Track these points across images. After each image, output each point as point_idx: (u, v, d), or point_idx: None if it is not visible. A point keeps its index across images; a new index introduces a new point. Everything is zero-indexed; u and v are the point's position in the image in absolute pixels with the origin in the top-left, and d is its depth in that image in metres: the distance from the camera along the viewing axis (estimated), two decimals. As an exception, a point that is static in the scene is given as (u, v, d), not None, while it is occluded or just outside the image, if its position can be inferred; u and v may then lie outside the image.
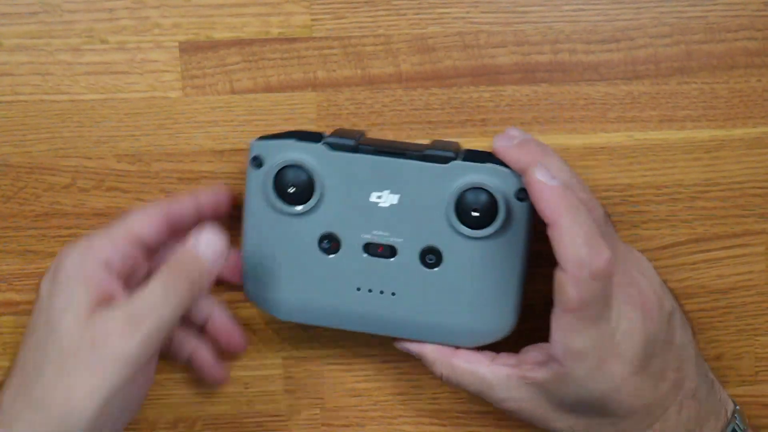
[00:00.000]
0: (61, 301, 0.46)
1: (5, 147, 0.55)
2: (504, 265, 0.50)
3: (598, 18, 0.54)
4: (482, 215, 0.49)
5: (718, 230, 0.56)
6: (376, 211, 0.50)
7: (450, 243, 0.50)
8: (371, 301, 0.51)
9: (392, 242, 0.50)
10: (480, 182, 0.48)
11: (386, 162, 0.49)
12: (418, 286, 0.50)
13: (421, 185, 0.49)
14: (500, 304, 0.50)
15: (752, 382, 0.57)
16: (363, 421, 0.58)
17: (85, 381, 0.44)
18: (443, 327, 0.51)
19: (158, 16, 0.54)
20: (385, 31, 0.54)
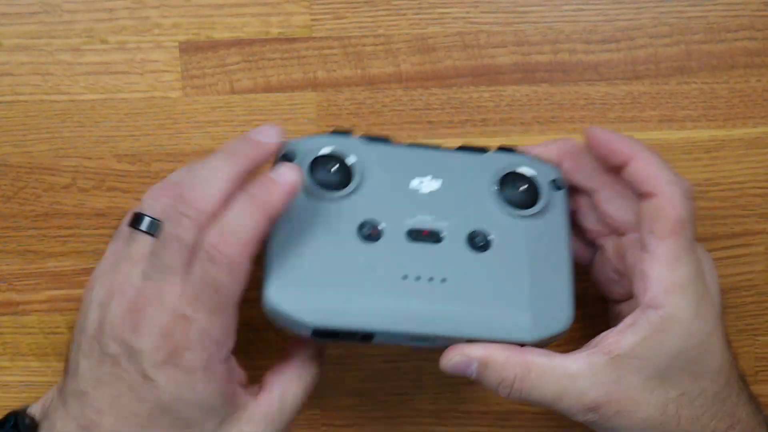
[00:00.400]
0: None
1: (5, 147, 0.55)
2: (553, 249, 0.48)
3: (598, 18, 0.54)
4: (525, 195, 0.48)
5: (718, 230, 0.56)
6: (418, 197, 0.47)
7: (497, 224, 0.47)
8: (419, 290, 0.45)
9: (437, 227, 0.47)
10: (519, 167, 0.49)
11: (424, 152, 0.48)
12: (470, 271, 0.46)
13: (461, 172, 0.48)
14: (556, 290, 0.47)
15: (752, 382, 0.57)
16: (363, 421, 0.58)
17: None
18: (500, 318, 0.46)
19: (158, 16, 0.54)
20: (385, 31, 0.54)
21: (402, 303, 0.45)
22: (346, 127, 0.53)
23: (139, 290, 0.44)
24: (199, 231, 0.43)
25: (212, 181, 0.43)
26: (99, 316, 0.45)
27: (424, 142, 0.50)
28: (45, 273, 0.56)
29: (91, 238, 0.56)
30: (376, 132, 0.52)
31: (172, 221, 0.43)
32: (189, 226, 0.43)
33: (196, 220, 0.43)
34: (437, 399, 0.57)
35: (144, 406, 0.43)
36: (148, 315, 0.43)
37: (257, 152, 0.45)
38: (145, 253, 0.44)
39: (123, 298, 0.44)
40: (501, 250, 0.47)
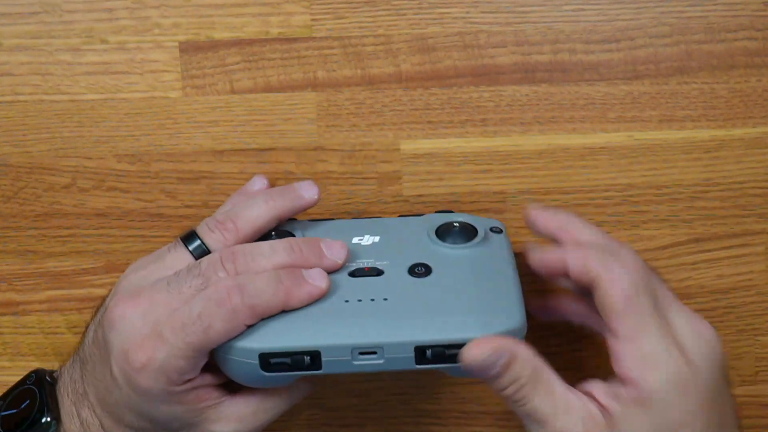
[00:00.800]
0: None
1: (5, 147, 0.55)
2: (496, 267, 0.48)
3: (598, 18, 0.54)
4: (462, 233, 0.50)
5: (718, 230, 0.56)
6: (359, 249, 0.49)
7: (437, 257, 0.48)
8: (362, 309, 0.45)
9: (378, 265, 0.48)
10: (453, 219, 0.50)
11: (365, 221, 0.52)
12: (412, 292, 0.46)
13: (399, 231, 0.50)
14: (503, 297, 0.46)
15: (752, 382, 0.57)
16: (363, 421, 0.58)
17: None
18: (446, 321, 0.44)
19: (158, 16, 0.54)
20: (385, 31, 0.54)
21: (346, 320, 0.45)
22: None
23: (143, 290, 0.45)
24: (225, 278, 0.44)
25: (266, 255, 0.46)
26: (109, 297, 0.47)
27: (365, 216, 0.53)
28: (45, 273, 0.56)
29: (91, 238, 0.56)
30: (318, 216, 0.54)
31: (213, 266, 0.45)
32: (222, 275, 0.45)
33: (231, 274, 0.45)
34: (437, 399, 0.57)
35: (112, 396, 0.46)
36: (133, 318, 0.44)
37: (301, 206, 0.50)
38: (174, 266, 0.46)
39: (126, 291, 0.46)
40: (442, 274, 0.47)
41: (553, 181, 0.55)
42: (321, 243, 0.47)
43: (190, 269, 0.45)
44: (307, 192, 0.50)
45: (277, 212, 0.49)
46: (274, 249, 0.46)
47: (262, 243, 0.47)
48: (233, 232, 0.48)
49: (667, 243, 0.56)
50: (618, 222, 0.55)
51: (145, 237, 0.56)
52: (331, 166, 0.55)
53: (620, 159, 0.55)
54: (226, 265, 0.45)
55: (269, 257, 0.46)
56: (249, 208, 0.48)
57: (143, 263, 0.48)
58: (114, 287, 0.48)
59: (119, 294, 0.46)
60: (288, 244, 0.46)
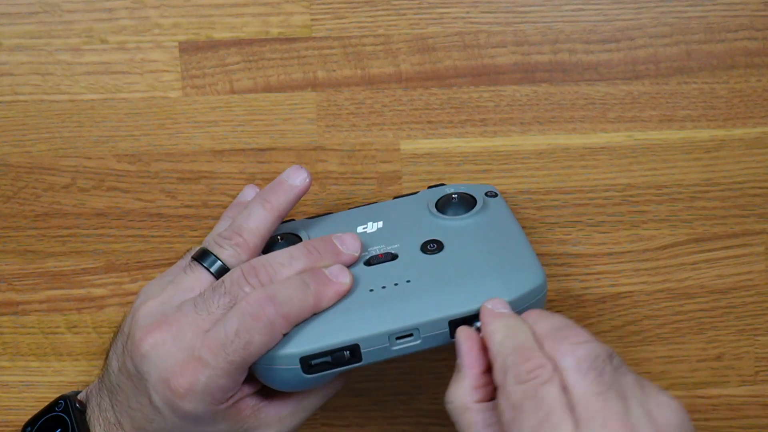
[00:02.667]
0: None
1: (5, 147, 0.55)
2: (504, 230, 0.49)
3: (598, 18, 0.54)
4: (462, 204, 0.50)
5: (718, 230, 0.56)
6: (366, 237, 0.50)
7: (445, 230, 0.49)
8: (389, 295, 0.46)
9: (390, 250, 0.49)
10: (450, 191, 0.51)
11: (362, 209, 0.51)
12: (431, 269, 0.47)
13: (400, 211, 0.51)
14: (519, 257, 0.47)
15: (752, 382, 0.57)
16: (363, 421, 0.58)
17: None
18: (473, 290, 0.45)
19: (158, 16, 0.54)
20: (385, 31, 0.54)
21: (376, 309, 0.45)
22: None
23: (169, 316, 0.46)
24: (254, 292, 0.45)
25: (286, 264, 0.46)
26: (130, 325, 0.47)
27: (361, 204, 0.52)
28: (45, 273, 0.56)
29: (91, 238, 0.56)
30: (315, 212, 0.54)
31: (238, 282, 0.45)
32: (248, 290, 0.45)
33: (256, 287, 0.45)
34: (437, 399, 0.57)
35: (153, 424, 0.46)
36: (165, 345, 0.45)
37: (297, 195, 0.50)
38: (194, 287, 0.46)
39: (150, 318, 0.46)
40: (454, 247, 0.48)
41: (553, 181, 0.55)
42: (334, 239, 0.48)
43: (215, 289, 0.46)
44: (297, 179, 0.50)
45: (277, 213, 0.49)
46: (293, 256, 0.47)
47: (280, 252, 0.47)
48: (243, 245, 0.48)
49: (667, 243, 0.56)
50: (618, 222, 0.55)
51: (145, 237, 0.56)
52: (331, 166, 0.55)
53: (620, 159, 0.55)
54: (250, 279, 0.45)
55: (290, 265, 0.46)
56: (250, 218, 0.48)
57: (157, 288, 0.48)
58: (131, 315, 0.47)
59: (143, 323, 0.46)
60: (304, 249, 0.47)
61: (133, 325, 0.46)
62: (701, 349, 0.56)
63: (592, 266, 0.56)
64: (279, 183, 0.50)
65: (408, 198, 0.52)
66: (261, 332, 0.44)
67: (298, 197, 0.50)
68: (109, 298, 0.56)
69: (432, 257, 0.47)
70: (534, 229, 0.56)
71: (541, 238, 0.56)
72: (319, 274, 0.46)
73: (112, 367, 0.48)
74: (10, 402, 0.56)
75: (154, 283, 0.49)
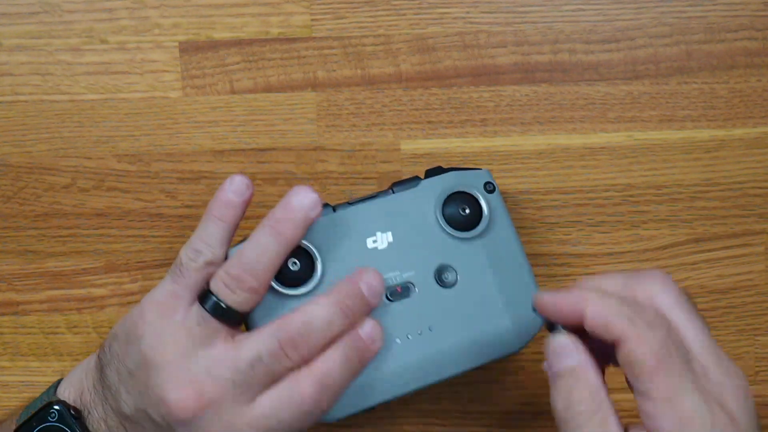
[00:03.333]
0: None
1: (5, 147, 0.55)
2: (509, 256, 0.50)
3: (598, 18, 0.54)
4: (469, 215, 0.50)
5: (718, 230, 0.56)
6: (378, 256, 0.49)
7: (455, 253, 0.50)
8: (414, 347, 0.48)
9: (406, 278, 0.49)
10: (453, 187, 0.50)
11: (366, 207, 0.50)
12: (448, 308, 0.49)
13: (405, 214, 0.50)
14: (526, 293, 0.49)
15: (752, 382, 0.57)
16: (363, 421, 0.58)
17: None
18: (487, 339, 0.49)
19: (158, 16, 0.54)
20: (385, 31, 0.54)
21: (406, 368, 0.48)
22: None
23: (203, 385, 0.45)
24: (302, 379, 0.45)
25: (325, 331, 0.45)
26: (144, 368, 0.46)
27: (363, 197, 0.50)
28: (45, 273, 0.56)
29: (91, 238, 0.56)
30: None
31: (277, 359, 0.45)
32: (288, 365, 0.45)
33: (296, 362, 0.45)
34: (437, 399, 0.57)
35: None
36: (205, 418, 0.44)
37: (308, 225, 0.47)
38: (215, 342, 0.45)
39: (177, 380, 0.45)
40: (468, 278, 0.50)
41: (553, 181, 0.55)
42: (362, 287, 0.46)
43: (253, 366, 0.45)
44: (313, 210, 0.46)
45: (291, 246, 0.46)
46: (330, 323, 0.45)
47: (315, 318, 0.45)
48: (258, 290, 0.46)
49: (667, 243, 0.56)
50: (618, 222, 0.55)
51: (145, 237, 0.56)
52: (331, 166, 0.55)
53: (620, 159, 0.55)
54: (290, 354, 0.45)
55: (327, 332, 0.45)
56: (264, 255, 0.46)
57: (179, 342, 0.45)
58: (138, 352, 0.46)
59: (170, 383, 0.45)
60: (339, 309, 0.46)
61: (156, 377, 0.45)
62: (701, 349, 0.57)
63: (592, 266, 0.56)
64: (291, 210, 0.46)
65: (411, 194, 0.50)
66: (306, 419, 0.45)
67: (309, 225, 0.47)
68: (109, 298, 0.56)
69: (448, 292, 0.49)
70: (534, 229, 0.56)
71: (541, 238, 0.56)
72: (359, 343, 0.46)
73: (124, 398, 0.46)
74: (10, 402, 0.56)
75: (164, 330, 0.46)
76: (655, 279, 0.43)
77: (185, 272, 0.46)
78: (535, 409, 0.57)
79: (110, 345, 0.47)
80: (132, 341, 0.46)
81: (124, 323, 0.47)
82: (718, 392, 0.41)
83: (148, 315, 0.46)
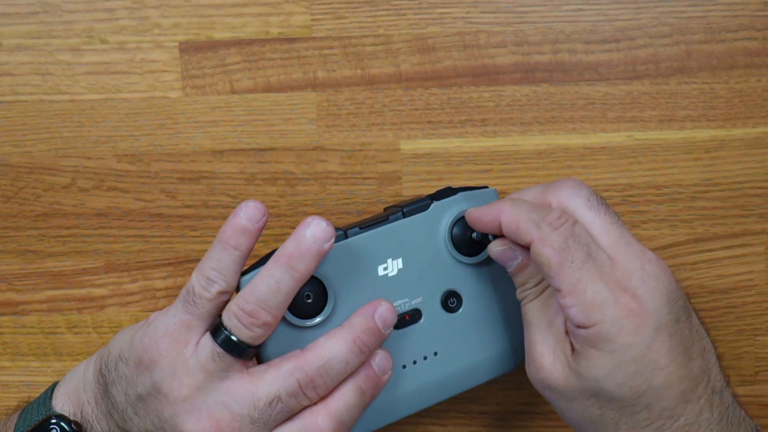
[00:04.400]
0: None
1: (5, 147, 0.55)
2: (509, 286, 0.50)
3: (598, 18, 0.54)
4: (476, 239, 0.50)
5: (718, 230, 0.56)
6: (389, 283, 0.49)
7: (461, 279, 0.50)
8: (419, 372, 0.50)
9: (414, 305, 0.50)
10: (461, 211, 0.50)
11: (378, 234, 0.49)
12: (454, 334, 0.51)
13: (415, 240, 0.50)
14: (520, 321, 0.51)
15: (752, 382, 0.57)
16: (363, 421, 0.58)
17: None
18: (486, 362, 0.51)
19: (158, 16, 0.54)
20: (385, 31, 0.54)
21: (412, 393, 0.50)
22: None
23: (219, 420, 0.45)
24: (319, 417, 0.46)
25: (342, 371, 0.46)
26: (152, 390, 0.46)
27: (373, 219, 0.50)
28: (45, 273, 0.56)
29: (91, 238, 0.56)
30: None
31: (296, 397, 0.46)
32: (305, 403, 0.46)
33: (314, 399, 0.46)
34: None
35: None
36: None
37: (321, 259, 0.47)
38: (229, 373, 0.46)
39: (195, 413, 0.45)
40: (472, 303, 0.51)
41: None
42: (377, 321, 0.47)
43: (271, 404, 0.45)
44: (326, 243, 0.46)
45: (304, 279, 0.46)
46: (347, 362, 0.46)
47: (333, 357, 0.46)
48: (271, 325, 0.46)
49: (667, 243, 0.56)
50: (618, 222, 0.55)
51: (145, 237, 0.56)
52: (331, 166, 0.55)
53: (620, 159, 0.55)
54: (308, 393, 0.46)
55: (345, 369, 0.46)
56: (277, 290, 0.45)
57: (195, 376, 0.46)
58: (148, 377, 0.46)
59: (187, 411, 0.45)
60: (356, 347, 0.46)
61: (170, 409, 0.45)
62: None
63: (592, 266, 0.56)
64: (304, 244, 0.45)
65: (421, 218, 0.50)
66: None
67: (323, 258, 0.47)
68: (109, 298, 0.56)
69: (454, 317, 0.50)
70: (534, 229, 0.56)
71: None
72: (371, 376, 0.47)
73: (131, 419, 0.47)
74: (10, 402, 0.56)
75: (165, 341, 0.46)
76: (564, 184, 0.48)
77: (198, 302, 0.46)
78: (535, 409, 0.57)
79: (116, 365, 0.47)
80: (143, 368, 0.46)
81: (133, 345, 0.47)
82: (624, 279, 0.45)
83: (161, 344, 0.46)
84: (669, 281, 0.46)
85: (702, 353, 0.46)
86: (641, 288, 0.45)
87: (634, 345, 0.44)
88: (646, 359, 0.44)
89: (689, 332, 0.46)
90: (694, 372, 0.45)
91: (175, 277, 0.56)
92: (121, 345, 0.47)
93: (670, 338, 0.44)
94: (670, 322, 0.45)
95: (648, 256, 0.46)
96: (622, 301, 0.44)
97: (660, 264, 0.46)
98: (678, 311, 0.45)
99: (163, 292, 0.56)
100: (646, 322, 0.44)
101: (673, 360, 0.44)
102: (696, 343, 0.46)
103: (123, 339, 0.48)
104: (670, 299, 0.45)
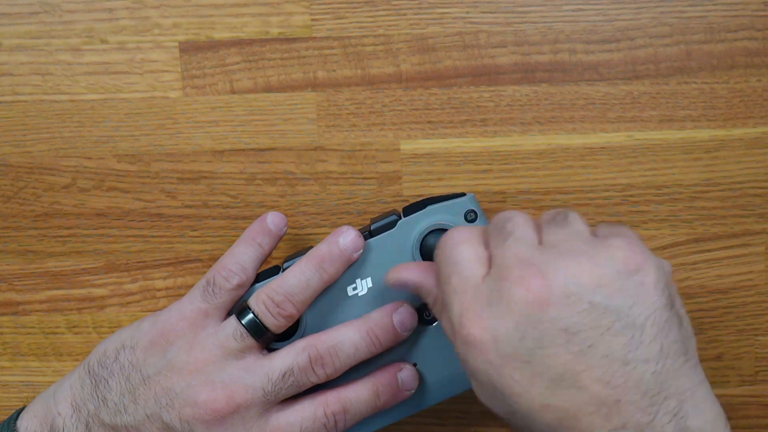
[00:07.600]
0: None
1: (5, 147, 0.55)
2: None
3: (598, 18, 0.54)
4: None
5: (718, 230, 0.56)
6: (359, 302, 0.50)
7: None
8: None
9: None
10: (430, 225, 0.50)
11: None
12: (430, 345, 0.51)
13: (384, 258, 0.50)
14: None
15: (752, 382, 0.57)
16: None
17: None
18: (459, 374, 0.51)
19: (158, 16, 0.54)
20: (385, 31, 0.54)
21: (399, 402, 0.50)
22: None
23: (234, 392, 0.47)
24: (329, 402, 0.48)
25: (351, 355, 0.48)
26: (163, 367, 0.48)
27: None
28: (45, 273, 0.56)
29: (91, 238, 0.56)
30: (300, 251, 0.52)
31: (305, 372, 0.48)
32: (314, 380, 0.48)
33: (322, 378, 0.48)
34: (437, 399, 0.57)
35: None
36: (228, 421, 0.47)
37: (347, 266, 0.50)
38: (246, 355, 0.48)
39: (209, 386, 0.47)
40: None
41: (553, 181, 0.55)
42: (394, 319, 0.49)
43: (285, 377, 0.48)
44: (356, 252, 0.50)
45: (330, 281, 0.49)
46: (356, 347, 0.48)
47: (344, 340, 0.48)
48: (293, 317, 0.49)
49: (667, 243, 0.56)
50: (618, 222, 0.55)
51: (145, 237, 0.56)
52: (331, 166, 0.55)
53: (620, 159, 0.55)
54: (317, 370, 0.48)
55: (354, 354, 0.48)
56: (306, 286, 0.48)
57: (212, 352, 0.48)
58: (161, 356, 0.48)
59: (201, 381, 0.47)
60: (368, 337, 0.49)
61: (183, 381, 0.47)
62: (701, 349, 0.56)
63: (592, 266, 0.56)
64: (337, 249, 0.49)
65: (388, 237, 0.50)
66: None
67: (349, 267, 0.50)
68: (110, 298, 0.56)
69: (430, 329, 0.51)
70: (534, 229, 0.56)
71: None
72: (392, 385, 0.49)
73: (127, 408, 0.48)
74: (10, 402, 0.56)
75: (183, 324, 0.48)
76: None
77: (217, 292, 0.49)
78: (535, 409, 0.57)
79: (116, 356, 0.48)
80: (157, 349, 0.48)
81: (142, 330, 0.49)
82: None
83: (177, 326, 0.48)
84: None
85: (609, 382, 0.40)
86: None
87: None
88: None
89: (584, 358, 0.41)
90: (577, 403, 0.40)
91: (175, 277, 0.56)
92: (121, 338, 0.49)
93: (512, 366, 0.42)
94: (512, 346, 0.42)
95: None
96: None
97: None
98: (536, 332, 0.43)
99: (163, 292, 0.56)
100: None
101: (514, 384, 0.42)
102: (596, 371, 0.41)
103: (122, 334, 0.49)
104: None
